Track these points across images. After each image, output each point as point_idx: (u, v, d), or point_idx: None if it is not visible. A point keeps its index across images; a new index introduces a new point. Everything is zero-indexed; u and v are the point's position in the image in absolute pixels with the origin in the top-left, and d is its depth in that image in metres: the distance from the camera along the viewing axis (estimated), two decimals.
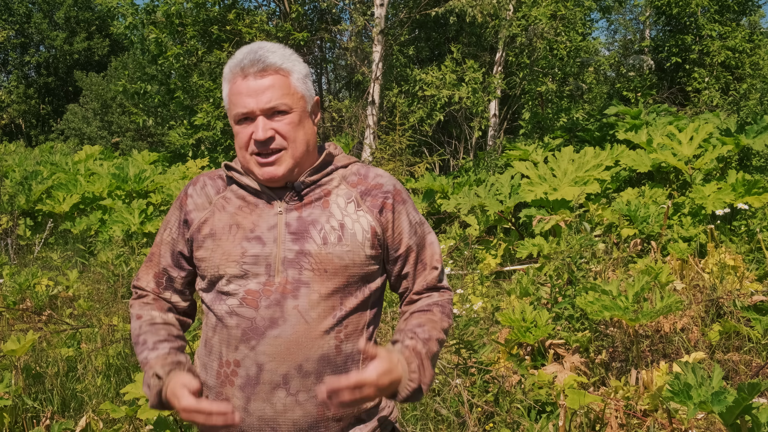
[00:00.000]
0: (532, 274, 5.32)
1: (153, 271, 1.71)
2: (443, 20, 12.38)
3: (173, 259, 1.68)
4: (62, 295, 6.23)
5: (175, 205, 1.69)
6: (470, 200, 7.58)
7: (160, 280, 1.70)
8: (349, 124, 11.52)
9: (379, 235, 1.61)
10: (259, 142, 1.53)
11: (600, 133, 10.62)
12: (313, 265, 1.54)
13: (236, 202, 1.61)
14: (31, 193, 10.03)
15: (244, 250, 1.55)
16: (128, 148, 20.14)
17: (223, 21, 11.22)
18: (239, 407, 1.54)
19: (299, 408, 1.53)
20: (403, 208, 1.65)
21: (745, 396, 2.49)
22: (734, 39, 16.68)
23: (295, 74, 1.56)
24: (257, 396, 1.53)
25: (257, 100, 1.52)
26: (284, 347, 1.51)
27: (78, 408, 3.91)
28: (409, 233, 1.66)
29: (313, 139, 1.62)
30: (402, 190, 1.68)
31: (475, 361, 3.63)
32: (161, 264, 1.69)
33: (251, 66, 1.53)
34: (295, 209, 1.58)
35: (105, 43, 29.28)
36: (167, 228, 1.69)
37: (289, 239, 1.55)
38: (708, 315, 4.72)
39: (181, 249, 1.66)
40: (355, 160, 1.70)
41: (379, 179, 1.66)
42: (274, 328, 1.52)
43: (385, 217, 1.62)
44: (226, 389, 1.55)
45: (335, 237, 1.56)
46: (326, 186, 1.61)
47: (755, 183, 6.53)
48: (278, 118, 1.54)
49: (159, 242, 1.70)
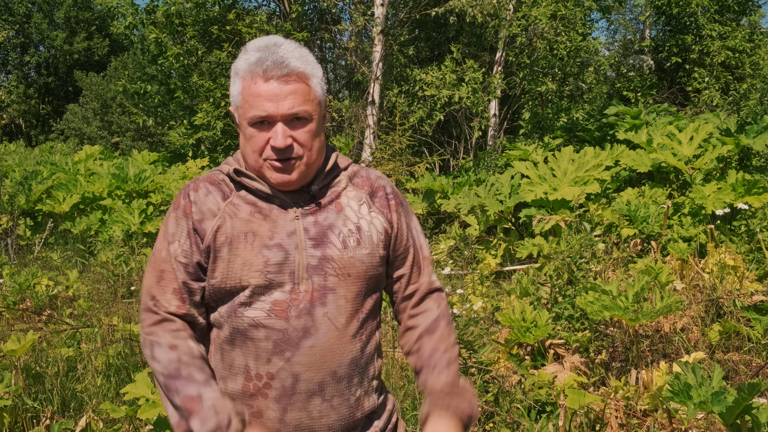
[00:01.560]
0: (532, 274, 5.32)
1: (171, 288, 1.54)
2: (443, 20, 12.38)
3: (191, 273, 1.55)
4: (62, 295, 6.23)
5: (177, 215, 1.56)
6: (470, 200, 7.58)
7: (183, 296, 1.54)
8: (349, 124, 11.52)
9: (390, 236, 1.63)
10: (277, 150, 1.48)
11: (600, 133, 10.62)
12: (337, 270, 1.53)
13: (247, 209, 1.54)
14: (31, 193, 10.03)
15: (267, 259, 1.50)
16: (128, 148, 20.14)
17: (223, 21, 11.22)
18: (275, 418, 1.52)
19: (334, 412, 1.54)
20: (402, 210, 1.68)
21: (745, 396, 2.49)
22: (734, 39, 16.68)
23: (314, 78, 1.51)
24: (294, 406, 1.52)
25: (278, 106, 1.46)
26: (319, 356, 1.51)
27: (78, 408, 3.91)
28: (407, 235, 1.68)
29: (324, 145, 1.59)
30: (398, 192, 1.71)
31: (475, 361, 3.63)
32: (179, 279, 1.54)
33: (274, 68, 1.46)
34: (310, 214, 1.55)
35: (105, 43, 29.28)
36: (175, 240, 1.55)
37: (310, 245, 1.52)
38: (708, 315, 4.72)
39: (198, 260, 1.54)
40: (350, 161, 1.69)
41: (380, 181, 1.67)
42: (307, 337, 1.51)
43: (392, 218, 1.64)
44: (258, 402, 1.52)
45: (354, 240, 1.56)
46: (335, 188, 1.60)
47: (755, 183, 6.53)
48: (298, 125, 1.49)
49: (168, 258, 1.55)
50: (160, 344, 1.51)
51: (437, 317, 1.69)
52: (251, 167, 1.55)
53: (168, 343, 1.51)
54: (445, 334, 1.67)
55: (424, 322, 1.68)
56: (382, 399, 1.67)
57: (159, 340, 1.52)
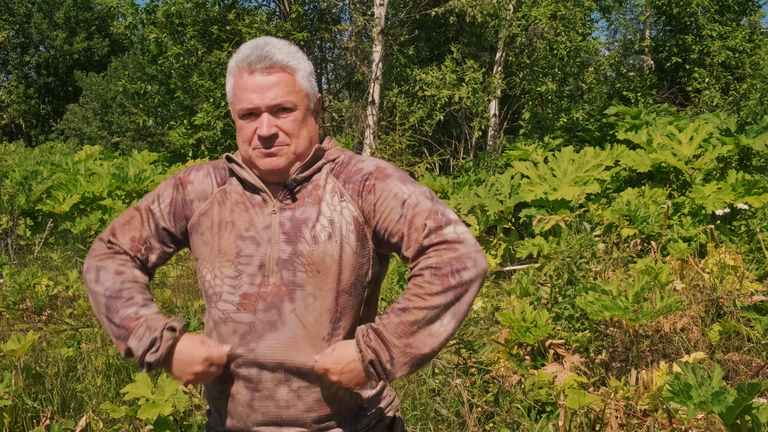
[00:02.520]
0: (532, 274, 5.32)
1: (132, 234, 1.63)
2: (443, 20, 12.38)
3: (157, 233, 1.63)
4: (62, 295, 6.23)
5: (171, 183, 1.65)
6: (470, 200, 7.58)
7: (140, 247, 1.62)
8: (349, 124, 11.52)
9: (362, 224, 1.55)
10: (263, 139, 1.54)
11: (600, 133, 10.62)
12: (306, 266, 1.53)
13: (234, 197, 1.60)
14: (31, 193, 10.03)
15: (239, 250, 1.55)
16: (128, 148, 20.14)
17: (223, 21, 11.22)
18: (244, 403, 1.57)
19: (301, 403, 1.56)
20: (386, 184, 1.54)
21: (745, 396, 2.49)
22: (734, 39, 16.69)
23: (300, 72, 1.57)
24: (261, 393, 1.56)
25: (263, 97, 1.53)
26: (283, 350, 1.53)
27: (78, 408, 3.91)
28: (399, 207, 1.52)
29: (315, 136, 1.62)
30: (387, 167, 1.58)
31: (475, 361, 3.63)
32: (143, 231, 1.63)
33: (258, 62, 1.53)
34: (288, 208, 1.57)
35: (105, 43, 29.28)
36: (158, 200, 1.64)
37: (282, 239, 1.55)
38: (708, 315, 4.72)
39: (165, 226, 1.63)
40: (344, 152, 1.65)
41: (360, 164, 1.59)
42: (273, 331, 1.53)
43: (367, 200, 1.54)
44: (233, 385, 1.58)
45: (326, 235, 1.54)
46: (317, 181, 1.59)
47: (755, 183, 6.53)
48: (282, 115, 1.55)
49: (145, 210, 1.64)
50: (106, 269, 1.60)
51: (426, 266, 1.47)
52: (243, 159, 1.61)
53: (114, 269, 1.59)
54: (420, 282, 1.46)
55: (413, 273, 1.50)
56: (373, 394, 1.65)
57: (106, 266, 1.60)
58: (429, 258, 1.48)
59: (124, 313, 1.55)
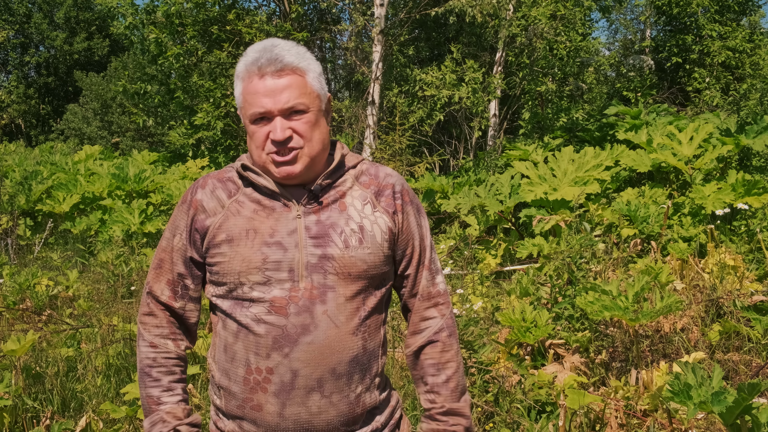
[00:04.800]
0: (532, 274, 5.32)
1: (165, 278, 1.64)
2: (443, 20, 12.39)
3: (186, 266, 1.64)
4: (62, 295, 6.23)
5: (182, 209, 1.64)
6: (470, 200, 7.58)
7: (176, 288, 1.64)
8: (349, 124, 11.52)
9: (395, 235, 1.64)
10: (277, 143, 1.52)
11: (600, 133, 10.62)
12: (337, 269, 1.54)
13: (251, 206, 1.58)
14: (31, 193, 10.03)
15: (266, 256, 1.53)
16: (128, 148, 20.15)
17: (223, 21, 11.22)
18: (274, 413, 1.55)
19: (333, 408, 1.56)
20: (410, 209, 1.67)
21: (745, 396, 2.49)
22: (734, 39, 16.69)
23: (311, 73, 1.55)
24: (292, 401, 1.54)
25: (275, 100, 1.51)
26: (318, 353, 1.53)
27: (78, 408, 3.91)
28: (416, 234, 1.68)
29: (327, 137, 1.61)
30: (409, 190, 1.69)
31: (475, 361, 3.63)
32: (174, 271, 1.64)
33: (268, 65, 1.51)
34: (313, 212, 1.57)
35: (105, 43, 29.28)
36: (177, 233, 1.63)
37: (310, 243, 1.54)
38: (708, 315, 4.72)
39: (191, 255, 1.63)
40: (362, 158, 1.70)
41: (389, 179, 1.66)
42: (306, 334, 1.53)
43: (398, 218, 1.64)
44: (258, 396, 1.55)
45: (356, 240, 1.56)
46: (340, 188, 1.61)
47: (755, 183, 6.53)
48: (295, 118, 1.53)
49: (169, 248, 1.64)
50: (143, 337, 1.65)
51: (439, 329, 1.69)
52: (257, 164, 1.59)
53: (150, 341, 1.64)
54: (447, 344, 1.70)
55: (426, 335, 1.70)
56: (385, 395, 1.68)
57: (144, 334, 1.65)
58: (434, 320, 1.71)
59: (148, 392, 1.64)
